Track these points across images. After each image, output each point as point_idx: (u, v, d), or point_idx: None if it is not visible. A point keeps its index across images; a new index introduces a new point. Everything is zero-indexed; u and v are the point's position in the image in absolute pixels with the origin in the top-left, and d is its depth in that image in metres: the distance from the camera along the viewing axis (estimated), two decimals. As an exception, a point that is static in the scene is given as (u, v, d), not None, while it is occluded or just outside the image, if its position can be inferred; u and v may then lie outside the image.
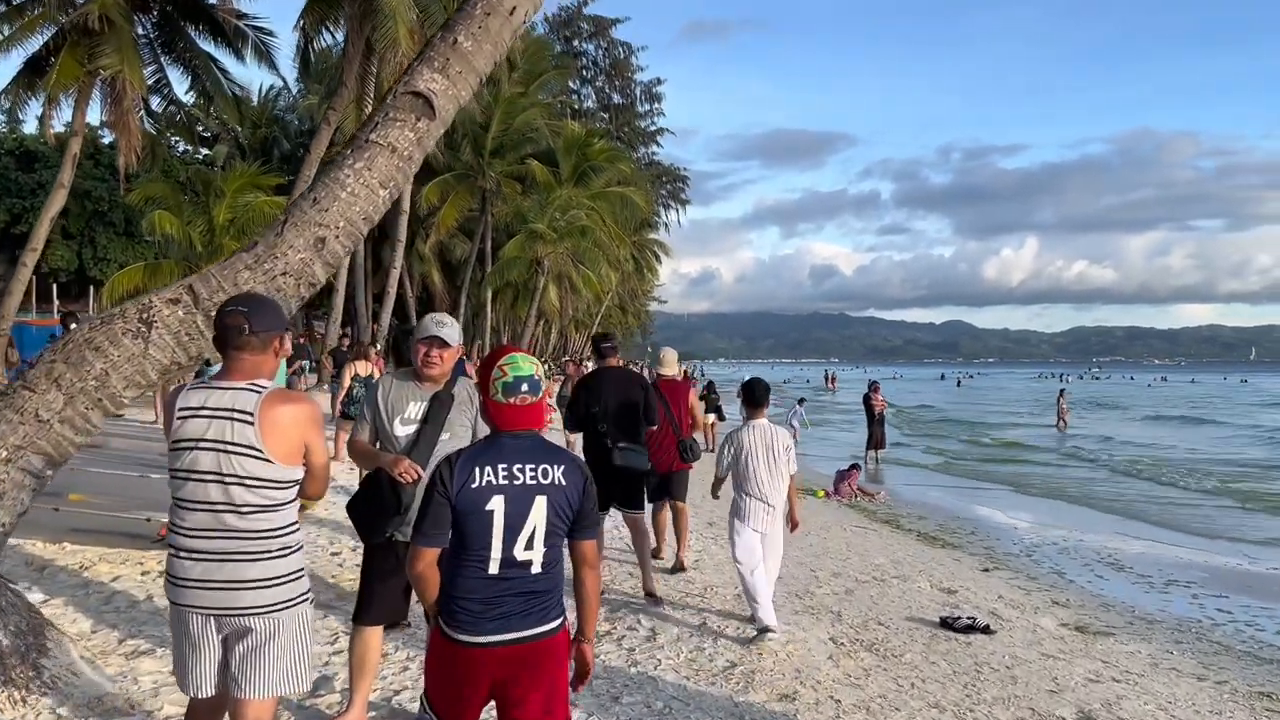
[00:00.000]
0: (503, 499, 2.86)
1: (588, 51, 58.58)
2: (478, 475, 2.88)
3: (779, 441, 6.28)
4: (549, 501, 2.91)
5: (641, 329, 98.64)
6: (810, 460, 22.48)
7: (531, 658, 2.85)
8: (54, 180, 30.67)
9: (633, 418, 6.71)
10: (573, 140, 38.89)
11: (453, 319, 4.27)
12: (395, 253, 29.60)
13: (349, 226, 4.80)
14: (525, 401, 2.99)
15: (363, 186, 4.81)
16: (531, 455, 2.95)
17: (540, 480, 2.92)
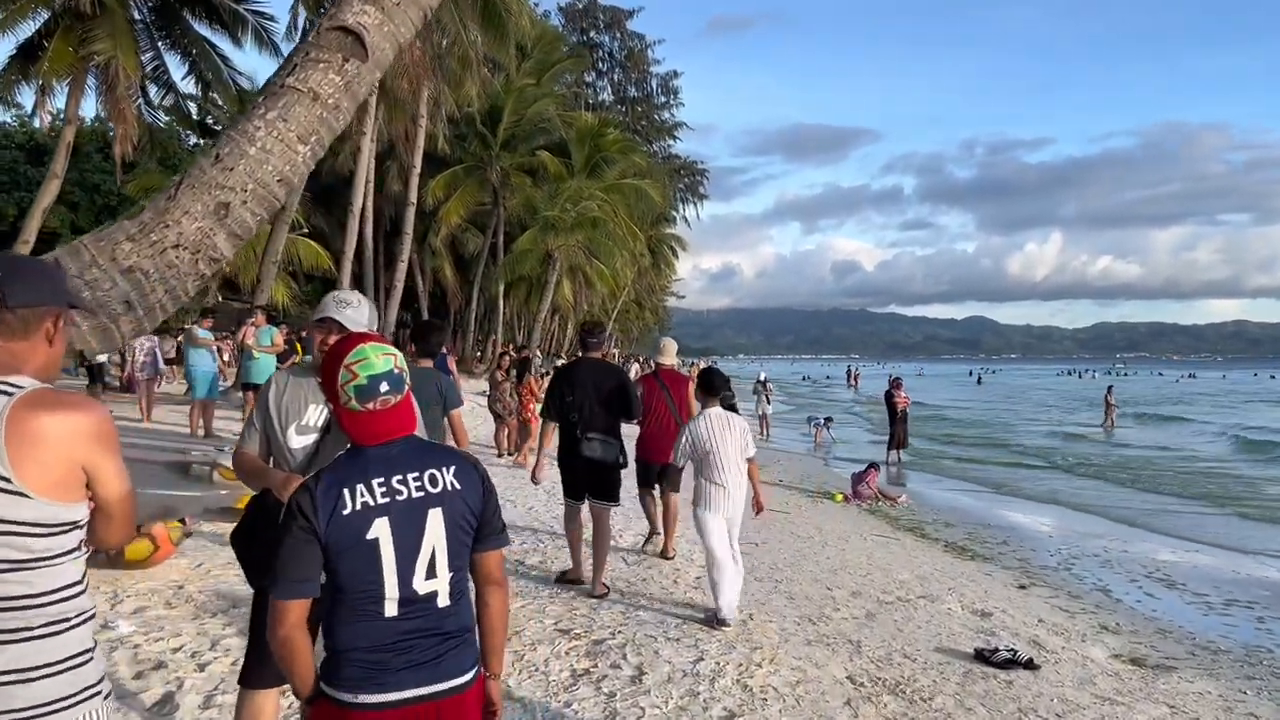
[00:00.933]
0: (387, 522, 2.27)
1: (603, 43, 57.73)
2: (349, 498, 2.26)
3: (735, 426, 6.39)
4: (446, 513, 2.34)
5: (659, 325, 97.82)
6: (829, 462, 21.51)
7: (447, 717, 2.28)
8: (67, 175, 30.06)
9: (606, 409, 6.70)
10: (586, 131, 38.03)
11: (362, 297, 3.36)
12: (403, 245, 28.81)
13: (260, 190, 3.94)
14: (388, 404, 2.34)
15: (276, 141, 3.95)
16: (413, 461, 2.36)
17: (430, 489, 2.33)
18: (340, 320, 3.19)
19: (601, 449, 6.65)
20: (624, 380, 7.07)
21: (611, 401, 6.75)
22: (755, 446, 6.63)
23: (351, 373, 2.29)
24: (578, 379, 6.79)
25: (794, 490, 15.20)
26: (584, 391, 6.69)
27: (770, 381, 26.98)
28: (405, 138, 29.50)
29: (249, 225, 3.93)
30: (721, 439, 6.30)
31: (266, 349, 13.76)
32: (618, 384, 6.90)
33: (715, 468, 6.32)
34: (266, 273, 20.24)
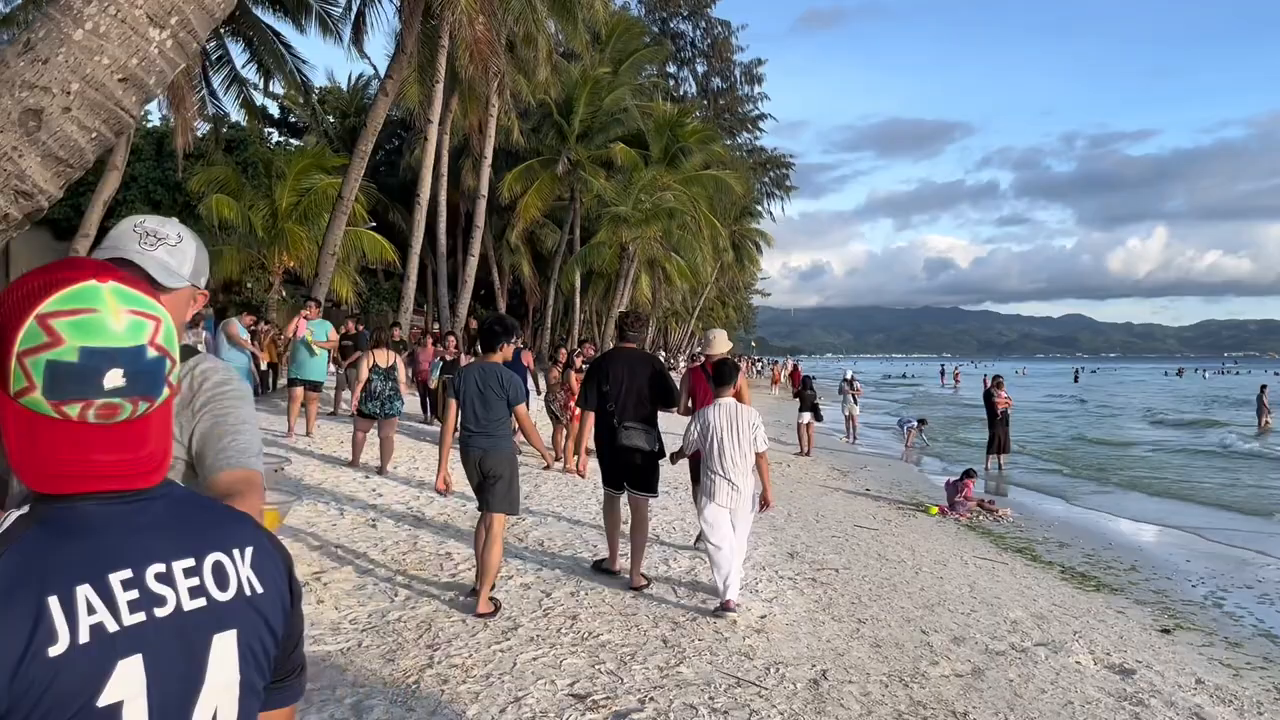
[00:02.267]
0: (140, 664, 1.11)
1: (685, 32, 56.30)
2: (60, 621, 1.06)
3: (744, 419, 6.32)
4: (241, 642, 1.22)
5: (743, 322, 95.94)
6: (923, 469, 19.76)
7: None
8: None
9: (642, 398, 6.67)
10: (664, 121, 36.72)
11: (186, 232, 2.03)
12: (473, 239, 27.89)
13: (92, 92, 2.70)
14: (117, 414, 1.16)
15: (114, 21, 2.71)
16: (181, 538, 1.20)
17: (215, 594, 1.20)
18: (142, 265, 1.90)
19: (638, 438, 6.59)
20: (660, 368, 6.98)
21: (648, 390, 6.71)
22: (767, 442, 6.51)
23: (51, 333, 1.11)
24: (613, 368, 6.74)
25: (882, 501, 13.64)
26: (620, 381, 6.67)
27: (858, 380, 25.23)
28: (478, 129, 28.59)
29: (77, 145, 2.70)
30: (730, 430, 6.25)
31: (323, 343, 12.80)
32: (654, 372, 6.82)
33: (720, 458, 6.26)
34: (324, 265, 19.39)
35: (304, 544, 7.12)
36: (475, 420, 5.87)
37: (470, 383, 5.91)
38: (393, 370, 10.74)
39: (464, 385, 5.92)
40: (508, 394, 5.84)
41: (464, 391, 5.90)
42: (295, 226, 22.72)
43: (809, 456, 18.70)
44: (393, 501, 9.19)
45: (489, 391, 5.87)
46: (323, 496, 9.06)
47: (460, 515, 8.79)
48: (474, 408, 5.86)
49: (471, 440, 5.88)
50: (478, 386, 5.88)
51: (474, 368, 6.03)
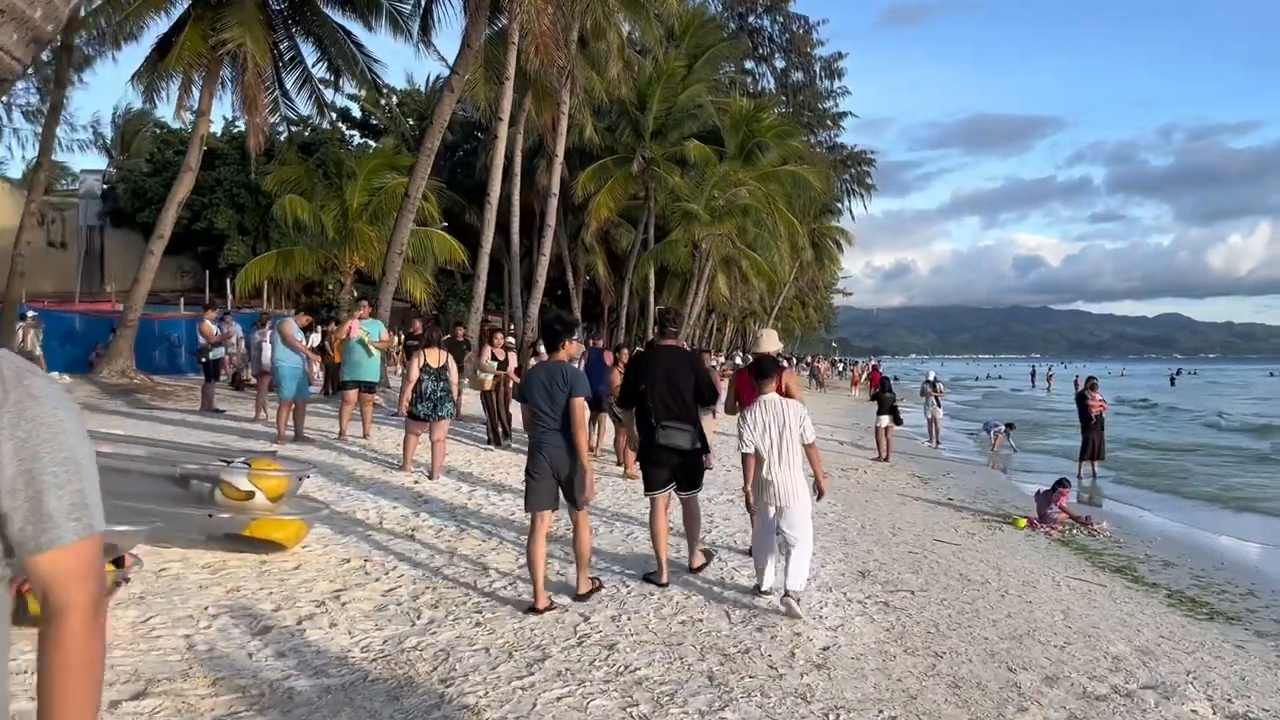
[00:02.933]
0: None
1: (763, 27, 55.32)
2: None
3: (790, 413, 6.29)
4: None
5: (824, 322, 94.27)
6: (1010, 477, 18.67)
7: None
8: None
9: (681, 396, 6.64)
10: (740, 116, 35.95)
11: None
12: (545, 238, 27.54)
13: None
14: None
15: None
16: None
17: None
18: None
19: (678, 437, 6.57)
20: (699, 366, 6.93)
21: (687, 388, 6.67)
22: (815, 432, 6.42)
23: None
24: (652, 366, 6.71)
25: (965, 511, 12.74)
26: (658, 379, 6.63)
27: (940, 382, 24.14)
28: (551, 128, 28.22)
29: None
30: (776, 425, 6.24)
31: (377, 343, 12.47)
32: (692, 370, 6.77)
33: (768, 454, 6.21)
34: (391, 264, 19.20)
35: (331, 556, 6.66)
36: (545, 420, 5.93)
37: (536, 383, 5.98)
38: (444, 371, 10.29)
39: (530, 386, 6.01)
40: (570, 388, 5.87)
41: (532, 392, 5.97)
42: (365, 226, 22.64)
43: (888, 462, 17.80)
44: (437, 509, 8.72)
45: (555, 389, 5.90)
46: (364, 502, 8.63)
47: (505, 525, 8.27)
48: (542, 407, 5.91)
49: (543, 439, 5.92)
50: (544, 386, 5.93)
51: (540, 368, 6.14)
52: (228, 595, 5.50)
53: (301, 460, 7.01)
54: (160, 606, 5.18)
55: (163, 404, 17.37)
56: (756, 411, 6.37)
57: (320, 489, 9.02)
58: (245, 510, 6.25)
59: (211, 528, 6.24)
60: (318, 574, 6.16)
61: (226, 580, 5.77)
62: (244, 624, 5.08)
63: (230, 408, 16.28)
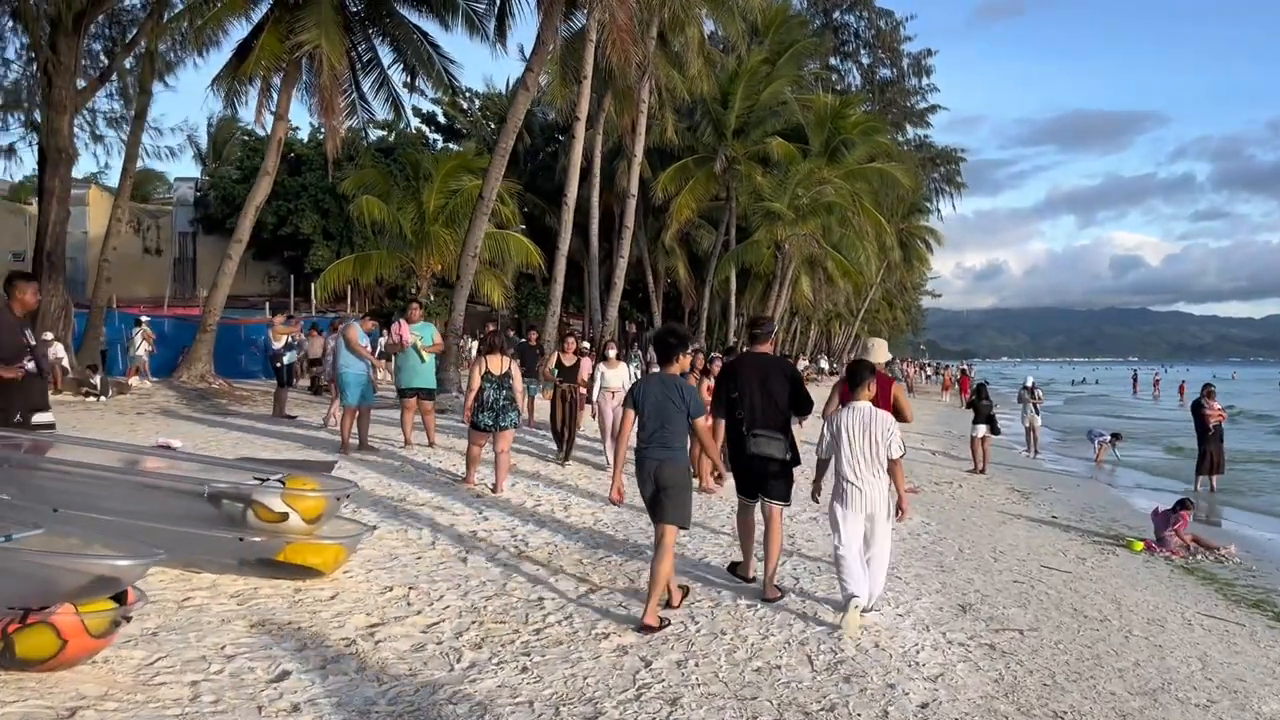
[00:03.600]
0: None
1: (849, 24, 54.02)
2: None
3: (878, 424, 6.09)
4: None
5: (911, 325, 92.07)
6: (1119, 491, 17.37)
7: None
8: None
9: (773, 404, 6.50)
10: (824, 113, 34.91)
11: None
12: (623, 240, 26.99)
13: None
14: None
15: None
16: None
17: None
18: None
19: (769, 446, 6.40)
20: (792, 373, 6.78)
21: (780, 397, 6.51)
22: (903, 448, 6.15)
23: None
24: (742, 374, 6.62)
25: (1073, 532, 11.68)
26: (749, 386, 6.51)
27: (1039, 388, 22.83)
28: (631, 128, 27.66)
29: None
30: (862, 434, 6.06)
31: (430, 348, 12.00)
32: (786, 378, 6.62)
33: (850, 464, 6.06)
34: (465, 267, 18.82)
35: (374, 583, 6.10)
36: (653, 432, 5.87)
37: (651, 395, 5.92)
38: (507, 378, 9.72)
39: (644, 397, 5.94)
40: (688, 406, 5.85)
41: (643, 403, 5.92)
42: (441, 230, 22.36)
43: (984, 475, 16.70)
44: (496, 528, 8.14)
45: (669, 404, 5.86)
46: (419, 519, 8.10)
47: (566, 548, 7.65)
48: (653, 420, 5.87)
49: (648, 452, 5.87)
50: (658, 399, 5.89)
51: (654, 380, 6.08)
52: (250, 631, 4.96)
53: (343, 479, 6.45)
54: (173, 645, 4.65)
55: (239, 409, 17.28)
56: (844, 416, 6.18)
57: (375, 504, 8.53)
58: (279, 533, 5.73)
59: (243, 552, 5.74)
60: (355, 605, 5.60)
61: (253, 613, 5.24)
62: (262, 667, 4.52)
63: (305, 414, 16.06)
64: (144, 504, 5.76)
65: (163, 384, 19.52)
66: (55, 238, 18.78)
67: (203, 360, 19.90)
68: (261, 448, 11.92)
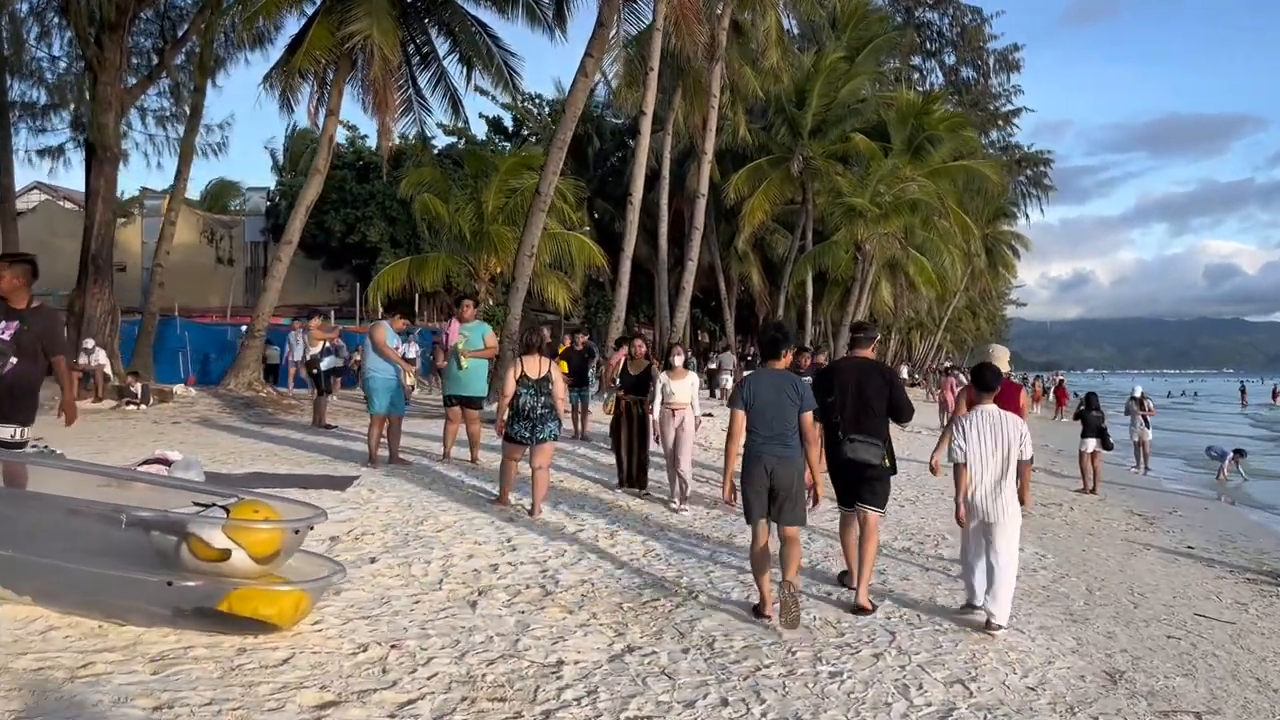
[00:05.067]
0: None
1: (932, 21, 51.88)
2: None
3: (1008, 427, 6.06)
4: None
5: (995, 335, 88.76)
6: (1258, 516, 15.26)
7: None
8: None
9: (870, 410, 6.35)
10: (907, 109, 33.04)
11: None
12: (691, 242, 25.56)
13: None
14: None
15: None
16: None
17: None
18: None
19: (865, 451, 6.32)
20: (891, 379, 6.65)
21: (877, 402, 6.40)
22: (1033, 449, 6.18)
23: None
24: (840, 378, 6.57)
25: (1217, 566, 9.86)
26: (846, 391, 6.44)
27: (1149, 399, 20.72)
28: (701, 125, 26.26)
29: None
30: (991, 438, 6.03)
31: (477, 353, 10.72)
32: (884, 383, 6.49)
33: (979, 467, 6.00)
34: (521, 267, 17.61)
35: (347, 639, 4.76)
36: (768, 428, 5.79)
37: (764, 391, 5.85)
38: (545, 383, 8.36)
39: (756, 393, 5.85)
40: (802, 400, 5.81)
41: (756, 399, 5.83)
42: (502, 228, 21.21)
43: (1095, 495, 14.85)
44: (524, 560, 6.77)
45: (784, 398, 5.80)
46: (432, 549, 6.77)
47: (607, 590, 6.24)
48: (767, 416, 5.80)
49: (764, 448, 5.78)
50: (772, 394, 5.82)
51: (765, 375, 6.01)
52: (151, 717, 3.65)
53: (309, 505, 5.13)
54: (27, 743, 3.37)
55: (283, 418, 16.32)
56: (974, 420, 6.15)
57: (388, 528, 7.25)
58: (221, 575, 4.44)
59: (175, 600, 4.46)
60: (311, 673, 4.26)
61: (167, 687, 3.92)
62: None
63: (349, 423, 14.99)
64: (53, 536, 4.52)
65: (207, 392, 18.69)
66: (101, 240, 18.11)
67: (250, 367, 19.04)
68: (285, 460, 10.79)
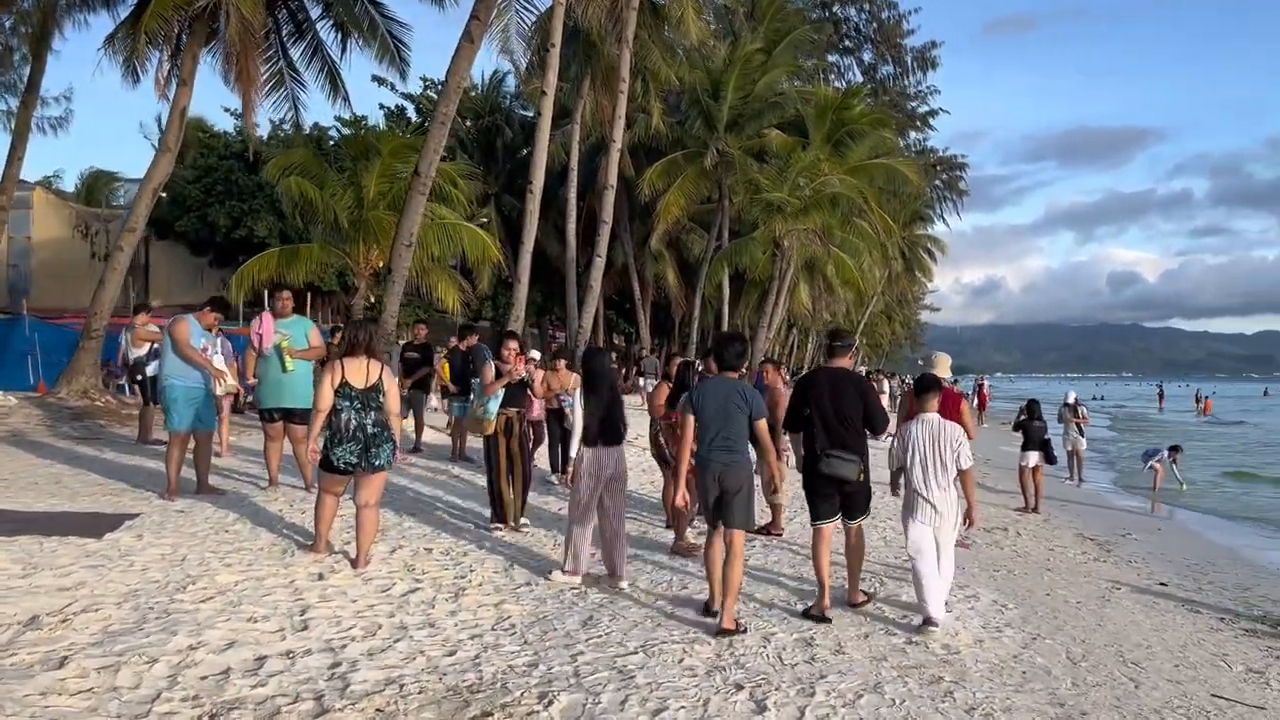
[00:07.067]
0: None
1: (849, 17, 50.89)
2: None
3: (946, 435, 6.15)
4: None
5: (910, 340, 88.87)
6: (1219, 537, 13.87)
7: None
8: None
9: (847, 423, 6.29)
10: (826, 104, 31.66)
11: None
12: (599, 237, 23.69)
13: None
14: None
15: None
16: None
17: None
18: None
19: (843, 467, 6.17)
20: (867, 391, 6.51)
21: (855, 415, 6.28)
22: (972, 459, 6.22)
23: None
24: (815, 390, 6.40)
25: (1207, 612, 8.18)
26: (822, 404, 6.30)
27: (1083, 405, 19.49)
28: (611, 114, 24.40)
29: None
30: (931, 446, 6.12)
31: (303, 353, 8.62)
32: (857, 395, 6.34)
33: (921, 475, 6.13)
34: (398, 259, 15.46)
35: None
36: (715, 436, 5.79)
37: (711, 398, 5.86)
38: (374, 394, 6.34)
39: (705, 401, 5.87)
40: (750, 408, 5.83)
41: (704, 407, 5.84)
42: (384, 215, 18.96)
43: (1039, 514, 13.34)
44: (312, 646, 4.73)
45: (732, 406, 5.80)
46: (177, 632, 4.69)
47: (424, 693, 4.24)
48: (714, 424, 5.80)
49: (711, 455, 5.78)
50: (719, 402, 5.82)
51: (714, 383, 6.03)
52: None
53: None
54: None
55: (116, 431, 13.92)
56: (914, 429, 6.24)
57: (124, 601, 5.15)
58: None
59: None
60: None
61: None
62: None
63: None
64: None
65: (32, 401, 16.06)
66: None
67: (85, 373, 16.47)
68: (64, 489, 8.54)
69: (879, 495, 7.03)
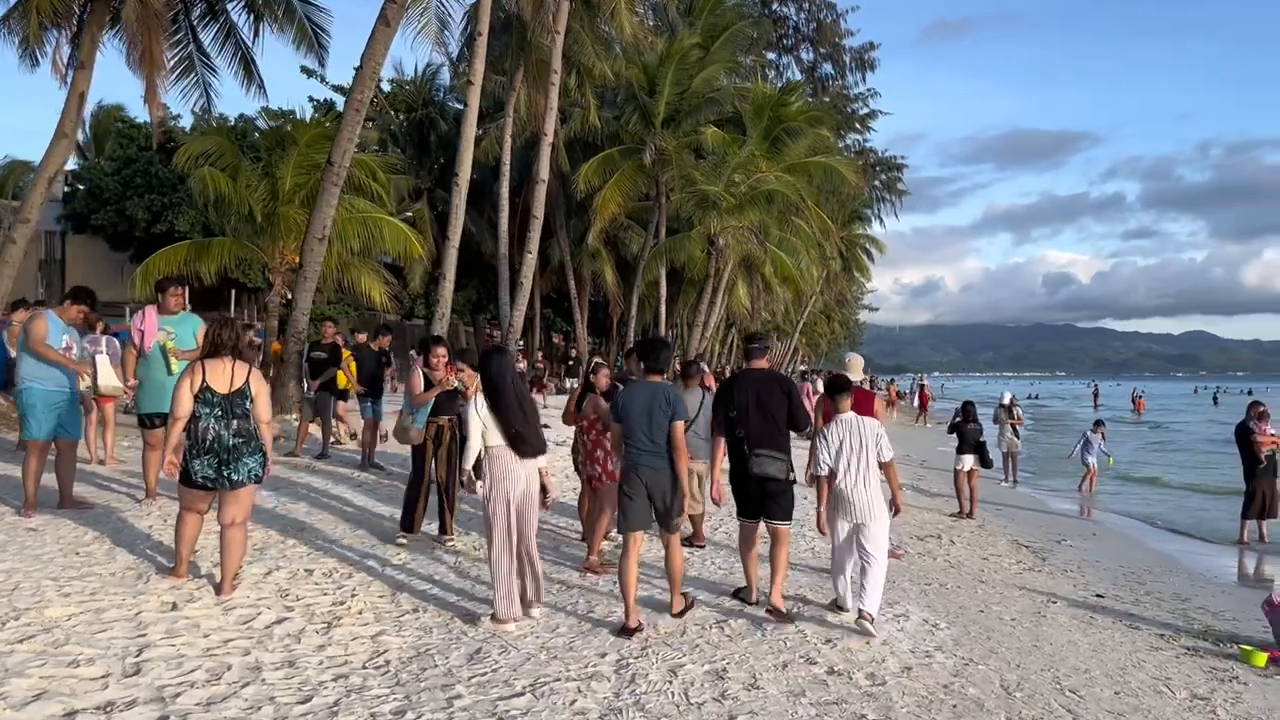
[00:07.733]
0: None
1: (788, 16, 50.74)
2: None
3: (866, 431, 6.32)
4: None
5: (849, 340, 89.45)
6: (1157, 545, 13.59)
7: None
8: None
9: (773, 423, 6.36)
10: (764, 100, 31.31)
11: None
12: (531, 233, 23.02)
13: None
14: None
15: None
16: None
17: None
18: None
19: (770, 466, 6.24)
20: (790, 390, 6.55)
21: (780, 414, 6.37)
22: (892, 450, 6.41)
23: None
24: (740, 392, 6.45)
25: (1145, 627, 7.80)
26: (747, 404, 6.36)
27: (1018, 406, 19.32)
28: (543, 106, 23.73)
29: None
30: (852, 444, 6.25)
31: (190, 353, 7.85)
32: (782, 395, 6.43)
33: (845, 473, 6.23)
34: (310, 253, 14.66)
35: None
36: (641, 440, 5.75)
37: (636, 402, 5.80)
38: (240, 399, 5.64)
39: (630, 404, 5.82)
40: (674, 410, 5.77)
41: (630, 411, 5.79)
42: (299, 211, 18.09)
43: (974, 520, 13.00)
44: (139, 696, 4.05)
45: (656, 409, 5.74)
46: (5, 665, 3.99)
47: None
48: (640, 428, 5.75)
49: (639, 459, 5.74)
50: (644, 406, 5.75)
51: (640, 387, 5.95)
52: None
53: None
54: None
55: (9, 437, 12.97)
56: (834, 430, 6.33)
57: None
58: None
59: None
60: None
61: None
62: None
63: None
64: None
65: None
66: None
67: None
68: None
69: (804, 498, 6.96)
